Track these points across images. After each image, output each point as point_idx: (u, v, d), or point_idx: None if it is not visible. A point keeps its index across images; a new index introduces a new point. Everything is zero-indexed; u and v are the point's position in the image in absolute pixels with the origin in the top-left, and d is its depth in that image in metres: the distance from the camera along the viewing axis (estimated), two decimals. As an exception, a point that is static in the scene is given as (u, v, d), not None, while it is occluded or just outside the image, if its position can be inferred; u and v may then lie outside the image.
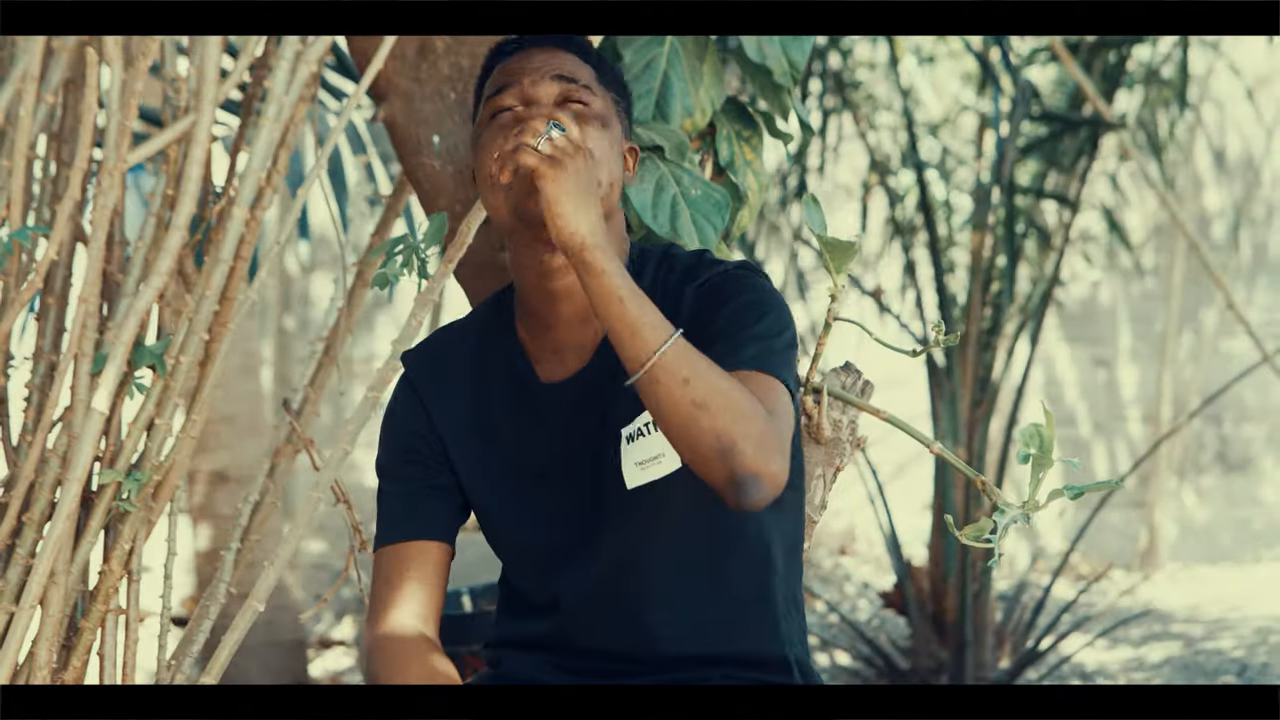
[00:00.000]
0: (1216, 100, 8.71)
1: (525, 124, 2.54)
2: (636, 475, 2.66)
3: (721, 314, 2.62)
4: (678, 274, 2.70)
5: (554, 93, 2.65)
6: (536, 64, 2.67)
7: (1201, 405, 6.43)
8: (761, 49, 3.02)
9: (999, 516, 2.64)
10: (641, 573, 2.69)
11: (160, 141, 2.94)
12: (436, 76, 3.14)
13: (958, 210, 6.54)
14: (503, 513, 2.75)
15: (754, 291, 2.65)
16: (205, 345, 2.99)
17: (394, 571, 2.76)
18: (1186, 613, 7.90)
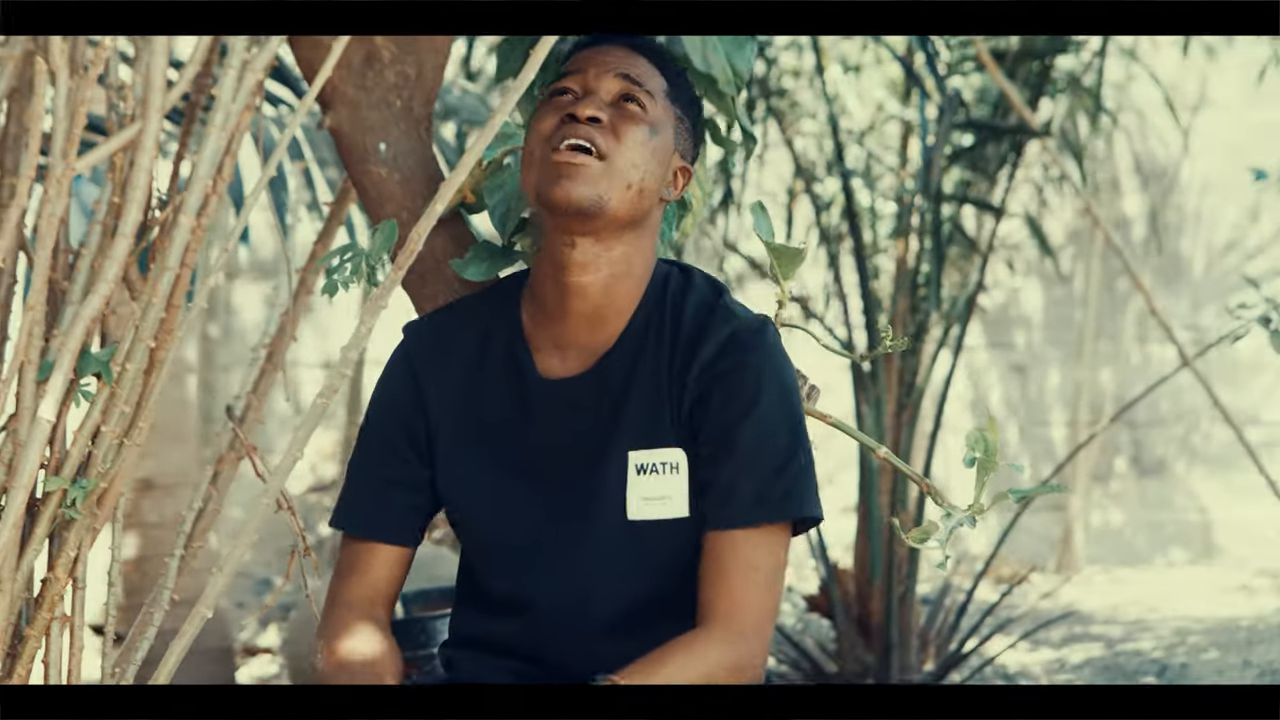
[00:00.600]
0: (1135, 108, 8.82)
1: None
2: (641, 509, 2.68)
3: (736, 440, 2.65)
4: (690, 317, 2.72)
5: (614, 90, 2.70)
6: (610, 59, 2.72)
7: (1120, 410, 6.50)
8: (706, 57, 3.04)
9: (945, 520, 2.68)
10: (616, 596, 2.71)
11: (107, 149, 2.93)
12: (383, 84, 3.15)
13: (883, 217, 6.59)
14: (480, 505, 2.75)
15: (766, 394, 2.67)
16: (151, 353, 2.99)
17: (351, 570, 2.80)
18: (1106, 614, 7.98)
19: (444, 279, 3.09)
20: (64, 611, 3.03)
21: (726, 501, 2.65)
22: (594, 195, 2.63)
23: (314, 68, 3.10)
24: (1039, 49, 6.17)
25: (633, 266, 2.72)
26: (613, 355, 2.72)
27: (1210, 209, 9.22)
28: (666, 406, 2.69)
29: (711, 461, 2.66)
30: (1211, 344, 5.87)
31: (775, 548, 2.67)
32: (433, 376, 2.80)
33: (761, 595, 2.65)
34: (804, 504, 2.68)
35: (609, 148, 2.65)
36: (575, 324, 2.73)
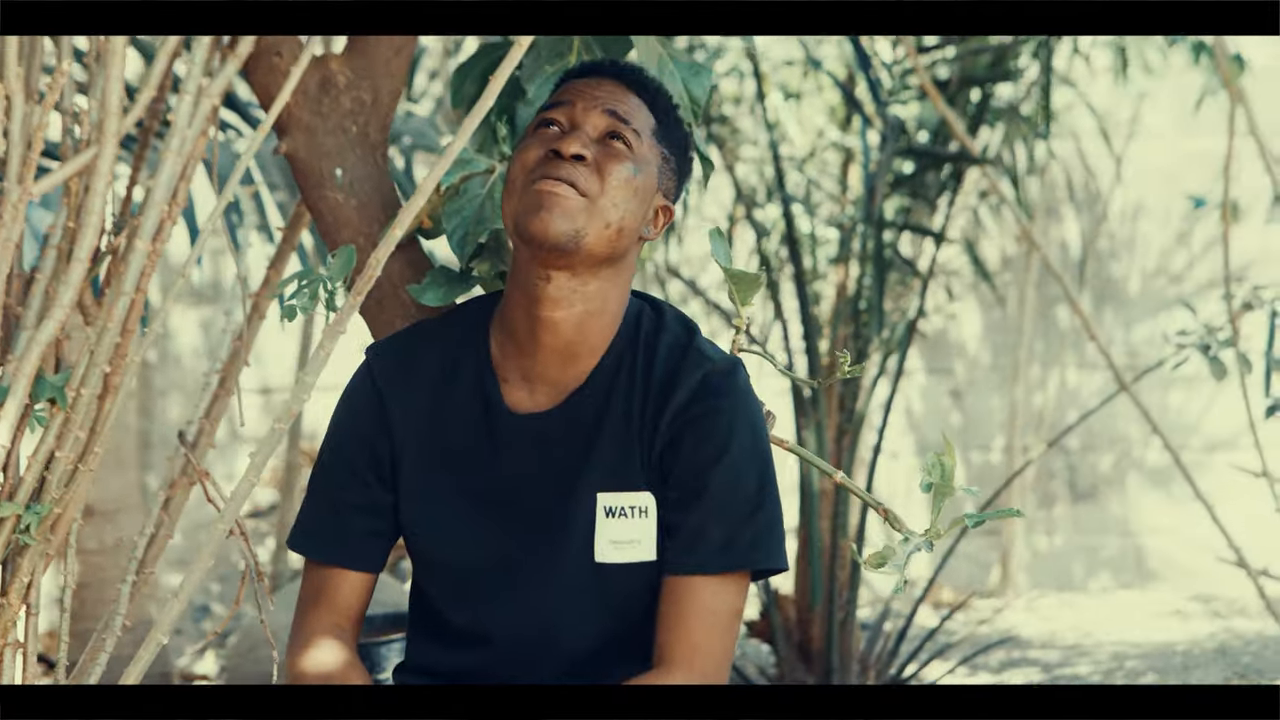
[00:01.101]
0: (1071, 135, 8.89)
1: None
2: (609, 552, 2.69)
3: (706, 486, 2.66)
4: (663, 359, 2.72)
5: (601, 126, 2.68)
6: (600, 93, 2.70)
7: (1059, 435, 6.55)
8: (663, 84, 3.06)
9: (902, 544, 2.69)
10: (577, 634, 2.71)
11: (62, 174, 2.93)
12: (338, 110, 3.16)
13: (824, 243, 6.62)
14: (443, 533, 2.74)
15: (738, 440, 2.68)
16: (105, 378, 2.98)
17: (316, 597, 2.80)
18: (1043, 639, 8.02)
19: (401, 304, 3.10)
20: (17, 638, 3.02)
21: (693, 547, 2.66)
22: (571, 230, 2.61)
23: (270, 93, 3.11)
24: (979, 76, 6.22)
25: (607, 304, 2.71)
26: (583, 393, 2.71)
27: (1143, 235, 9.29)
28: (637, 449, 2.68)
29: (680, 506, 2.66)
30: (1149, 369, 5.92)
31: (735, 594, 2.68)
32: (398, 398, 2.79)
33: (720, 641, 2.66)
34: (770, 554, 2.70)
35: (591, 187, 2.63)
36: (546, 358, 2.71)
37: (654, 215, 2.73)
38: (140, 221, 2.96)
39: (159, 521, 3.35)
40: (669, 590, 2.67)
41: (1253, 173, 7.31)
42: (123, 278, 2.95)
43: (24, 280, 3.04)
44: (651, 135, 2.73)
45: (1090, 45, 7.57)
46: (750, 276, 2.80)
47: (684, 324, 2.78)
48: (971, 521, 2.69)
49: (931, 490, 2.69)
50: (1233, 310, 5.48)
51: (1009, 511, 2.70)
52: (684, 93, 3.07)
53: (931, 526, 2.70)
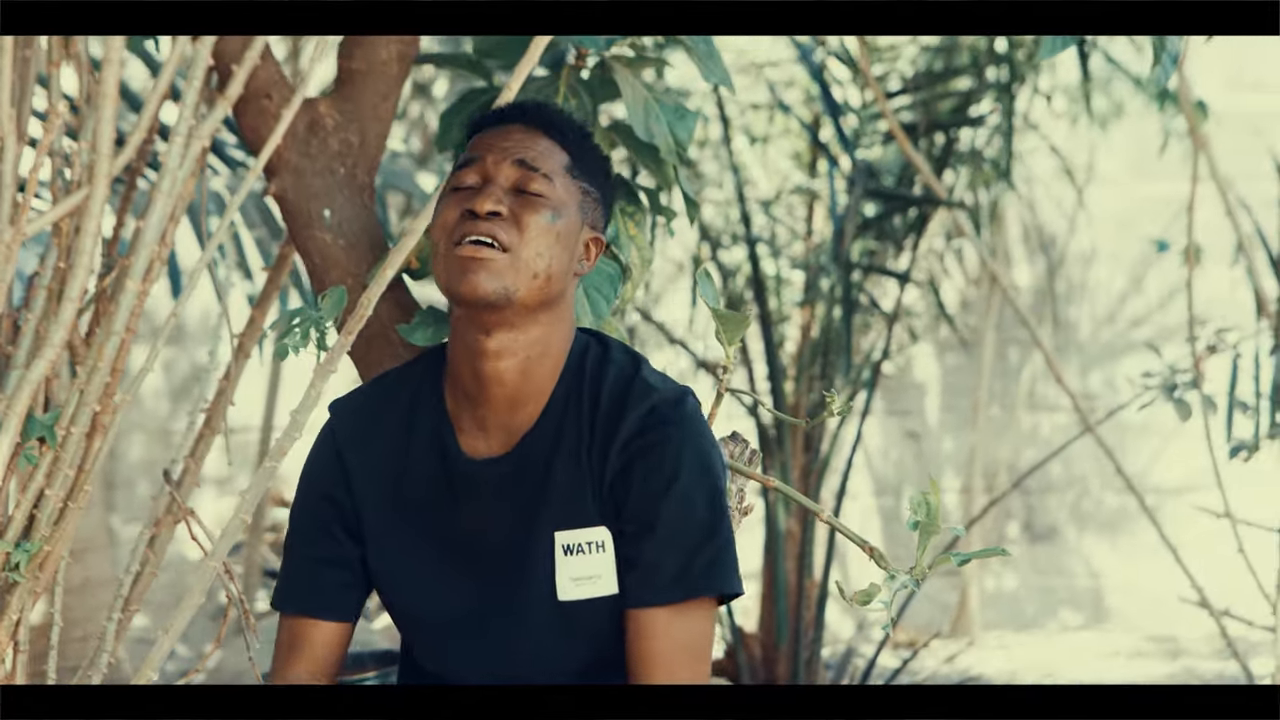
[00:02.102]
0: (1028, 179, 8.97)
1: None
2: (570, 589, 2.69)
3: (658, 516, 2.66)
4: (609, 392, 2.72)
5: (513, 177, 2.66)
6: (508, 143, 2.68)
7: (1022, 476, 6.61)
8: (648, 127, 3.10)
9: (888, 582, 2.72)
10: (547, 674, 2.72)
11: (54, 215, 2.95)
12: (326, 152, 3.19)
13: (789, 284, 6.67)
14: (408, 585, 2.76)
15: (686, 469, 2.68)
16: (95, 416, 3.00)
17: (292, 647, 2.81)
18: (1004, 678, 8.06)
19: (389, 344, 3.13)
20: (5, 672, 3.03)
21: (650, 580, 2.66)
22: (500, 287, 2.61)
23: (259, 136, 3.14)
24: (944, 121, 6.29)
25: (550, 347, 2.72)
26: (534, 434, 2.71)
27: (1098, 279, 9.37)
28: (589, 484, 2.68)
29: (634, 538, 2.67)
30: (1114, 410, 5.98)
31: (700, 620, 2.68)
32: (357, 454, 2.80)
33: (693, 672, 2.68)
34: (726, 579, 2.69)
35: (511, 240, 2.62)
36: (495, 406, 2.71)
37: (584, 250, 2.74)
38: (130, 262, 2.98)
39: (144, 559, 3.36)
40: (634, 625, 2.68)
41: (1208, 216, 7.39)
42: (113, 318, 2.97)
43: (13, 320, 3.06)
44: (566, 174, 2.71)
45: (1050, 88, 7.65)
46: (738, 318, 2.83)
47: (630, 355, 2.79)
48: (957, 560, 2.72)
49: (918, 528, 2.72)
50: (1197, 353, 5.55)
51: (994, 550, 2.72)
52: (669, 135, 3.10)
53: (918, 564, 2.72)
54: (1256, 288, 5.55)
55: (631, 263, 3.17)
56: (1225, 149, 6.73)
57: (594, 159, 2.79)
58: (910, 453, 9.53)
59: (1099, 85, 7.51)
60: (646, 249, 3.19)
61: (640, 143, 3.11)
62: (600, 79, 3.17)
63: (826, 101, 5.89)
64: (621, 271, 3.16)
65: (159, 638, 3.02)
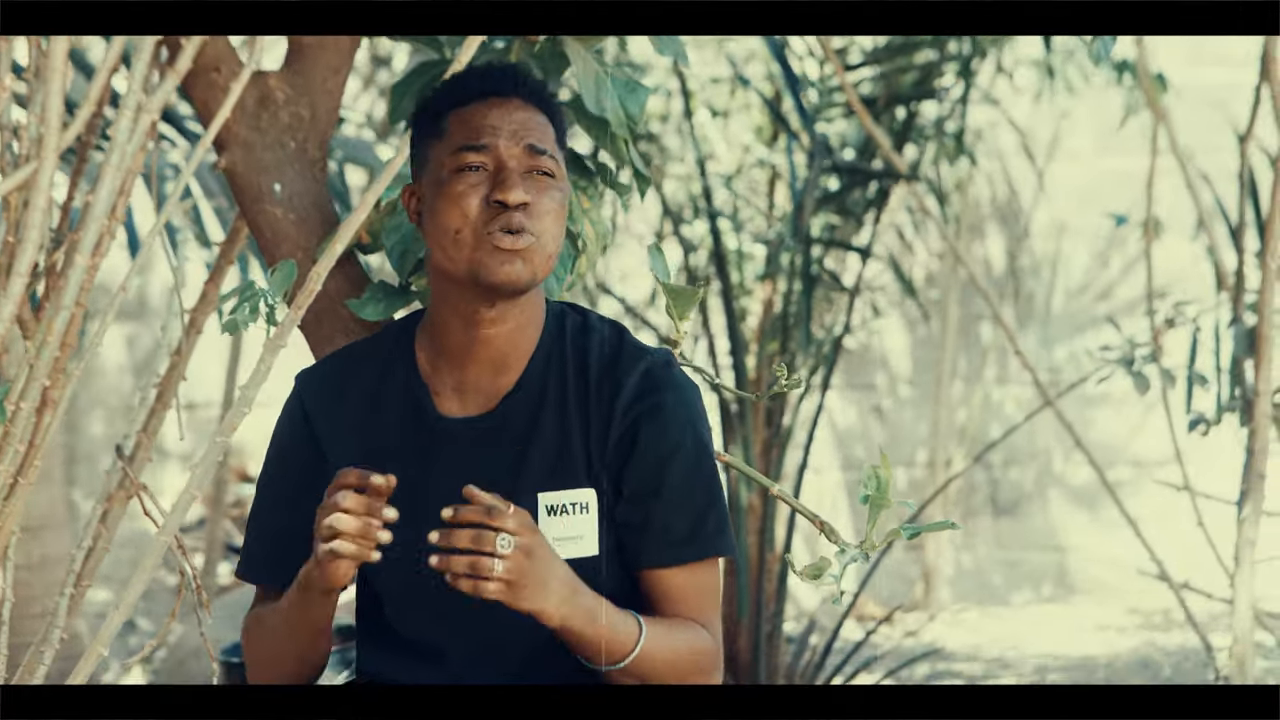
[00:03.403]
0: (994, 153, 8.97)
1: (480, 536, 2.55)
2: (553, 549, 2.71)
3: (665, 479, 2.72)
4: (596, 357, 2.76)
5: (526, 163, 2.68)
6: (514, 124, 2.69)
7: (984, 450, 6.61)
8: (599, 101, 3.09)
9: (838, 556, 2.73)
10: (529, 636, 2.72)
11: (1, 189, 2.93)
12: (277, 126, 3.18)
13: (751, 259, 6.66)
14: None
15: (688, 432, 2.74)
16: (45, 392, 2.98)
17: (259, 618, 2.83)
18: (967, 652, 8.08)
19: (339, 319, 3.12)
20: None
21: (663, 540, 2.72)
22: (531, 275, 2.67)
23: (209, 109, 3.13)
24: (905, 94, 6.28)
25: (534, 314, 2.77)
26: (515, 396, 2.74)
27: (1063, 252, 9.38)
28: (578, 446, 2.72)
29: (639, 501, 2.71)
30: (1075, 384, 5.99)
31: (713, 573, 2.77)
32: (326, 420, 2.81)
33: (715, 612, 2.76)
34: (730, 541, 2.78)
35: (537, 227, 2.67)
36: (478, 370, 2.74)
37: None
38: (79, 236, 2.96)
39: (96, 534, 3.35)
40: (651, 583, 2.74)
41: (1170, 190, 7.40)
42: (62, 292, 2.95)
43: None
44: (558, 145, 2.76)
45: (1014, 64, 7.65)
46: (688, 292, 2.84)
47: (608, 322, 2.83)
48: (907, 533, 2.73)
49: (869, 502, 2.72)
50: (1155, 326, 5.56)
51: (944, 524, 2.73)
52: (619, 108, 3.09)
53: (867, 538, 2.73)
54: (1216, 261, 5.55)
55: (585, 237, 3.16)
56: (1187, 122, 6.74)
57: (564, 124, 2.83)
58: (876, 427, 9.54)
59: (1063, 59, 7.50)
60: (601, 223, 3.19)
61: (591, 117, 3.10)
62: (551, 52, 3.16)
63: (786, 75, 5.87)
64: (575, 246, 3.15)
65: (110, 613, 3.00)
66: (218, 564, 8.22)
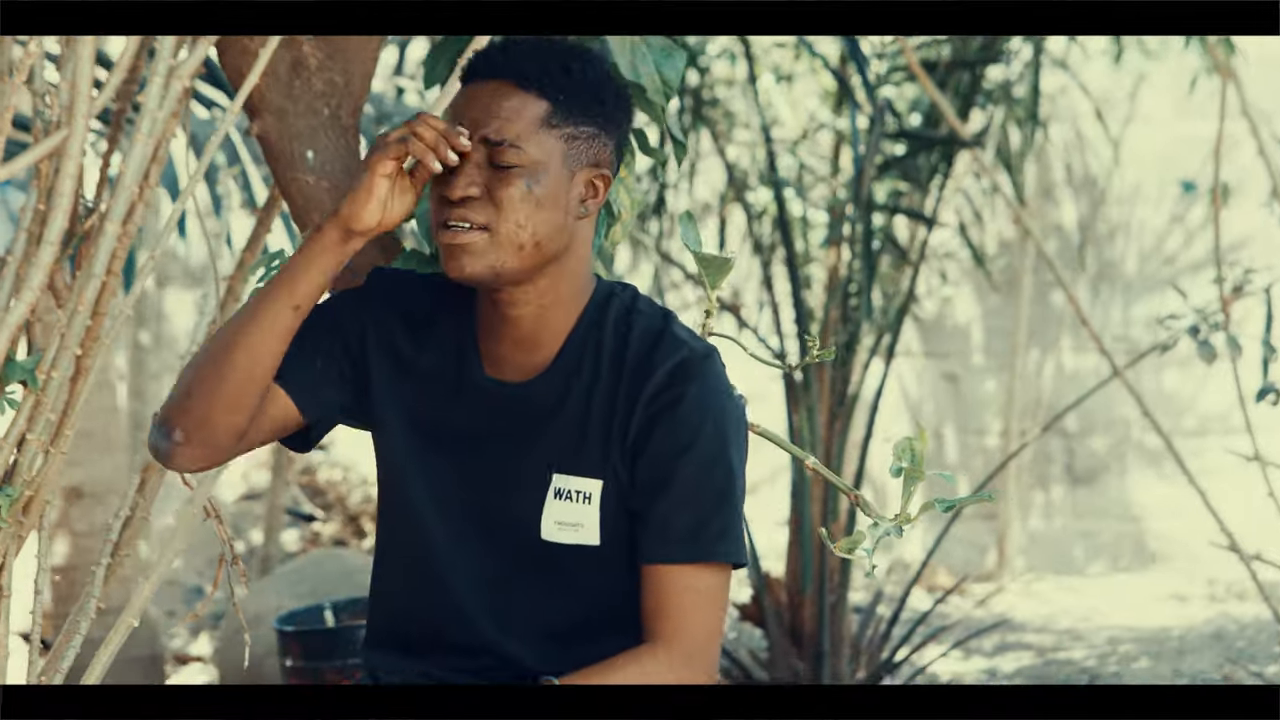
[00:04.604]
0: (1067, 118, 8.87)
1: None
2: (553, 531, 2.69)
3: (674, 473, 2.66)
4: (637, 343, 2.71)
5: (482, 151, 2.62)
6: (476, 113, 2.63)
7: (1053, 419, 6.54)
8: (635, 67, 3.04)
9: (872, 530, 2.68)
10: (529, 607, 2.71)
11: (31, 156, 2.91)
12: (310, 92, 3.14)
13: (815, 227, 6.61)
14: (410, 466, 2.74)
15: (707, 429, 2.67)
16: (77, 361, 2.97)
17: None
18: (1039, 623, 8.02)
19: (372, 286, 3.08)
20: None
21: (662, 535, 2.66)
22: (485, 266, 2.61)
23: (242, 75, 3.09)
24: (971, 58, 6.20)
25: (561, 294, 2.70)
26: (546, 374, 2.71)
27: (1140, 218, 9.28)
28: (598, 432, 2.68)
29: (648, 493, 2.67)
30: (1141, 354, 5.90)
31: (712, 576, 2.68)
32: (382, 325, 2.77)
33: (703, 620, 2.67)
34: (735, 548, 2.69)
35: (488, 218, 2.61)
36: (511, 346, 2.72)
37: (586, 190, 2.69)
38: (111, 204, 2.94)
39: (134, 503, 3.34)
40: (646, 578, 2.68)
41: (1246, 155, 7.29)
42: (93, 260, 2.93)
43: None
44: (543, 127, 2.64)
45: (1086, 28, 7.54)
46: (719, 260, 2.79)
47: (657, 308, 2.77)
48: (942, 506, 2.67)
49: (902, 475, 2.67)
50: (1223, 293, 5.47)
51: (981, 496, 2.68)
52: (655, 74, 3.04)
53: (902, 512, 2.68)
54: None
55: (620, 205, 3.11)
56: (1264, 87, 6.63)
57: (584, 95, 2.69)
58: (949, 395, 9.47)
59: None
60: (635, 190, 3.14)
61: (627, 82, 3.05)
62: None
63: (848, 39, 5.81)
64: (610, 214, 3.10)
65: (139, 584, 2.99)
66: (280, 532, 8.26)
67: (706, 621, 2.67)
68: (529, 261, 2.63)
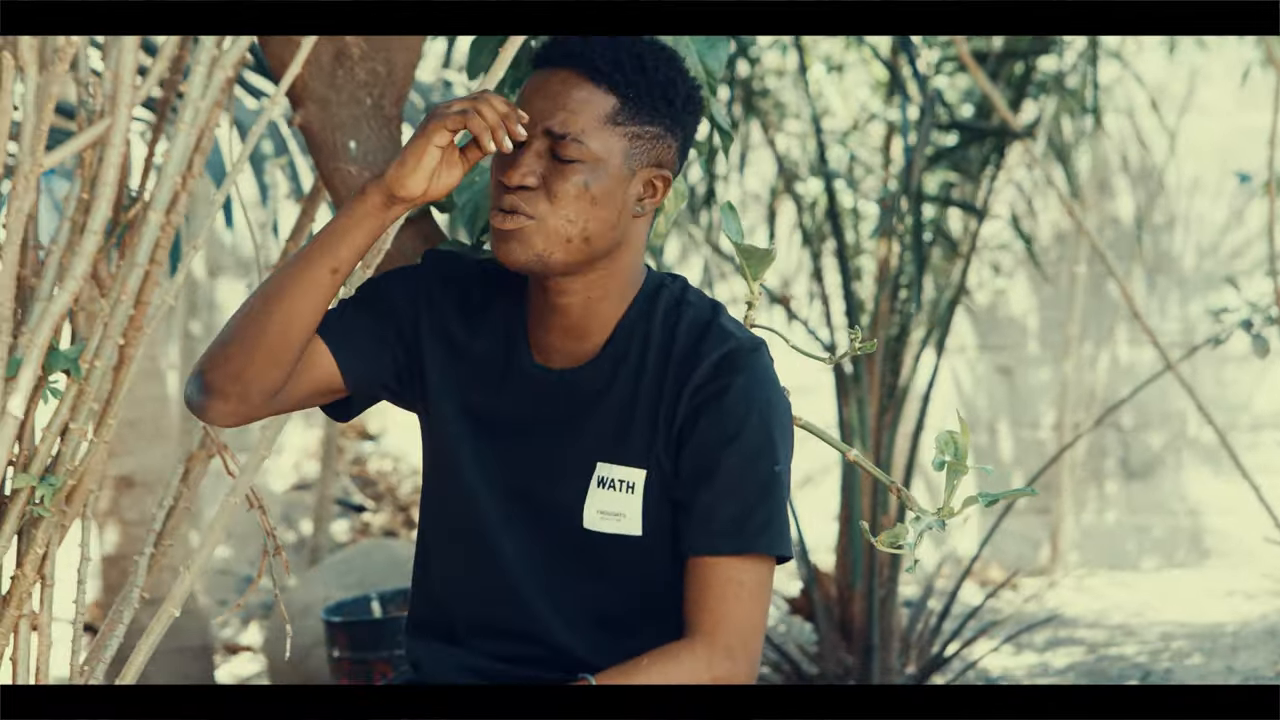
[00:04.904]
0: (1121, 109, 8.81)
1: None
2: (595, 520, 2.69)
3: (719, 464, 2.65)
4: (684, 334, 2.71)
5: (544, 144, 2.61)
6: (543, 103, 2.62)
7: (1104, 413, 6.50)
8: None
9: (914, 523, 2.66)
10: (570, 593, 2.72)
11: (75, 145, 2.92)
12: (353, 82, 3.14)
13: (866, 218, 6.58)
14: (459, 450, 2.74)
15: (752, 420, 2.66)
16: (120, 350, 2.98)
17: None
18: (1091, 618, 7.97)
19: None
20: (32, 609, 3.02)
21: (705, 526, 2.65)
22: (533, 254, 2.61)
23: (285, 64, 3.09)
24: (1022, 49, 6.16)
25: (610, 288, 2.69)
26: (593, 363, 2.71)
27: (1197, 210, 9.22)
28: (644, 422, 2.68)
29: (691, 484, 2.66)
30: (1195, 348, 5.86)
31: (755, 569, 2.67)
32: (431, 307, 2.76)
33: (745, 613, 2.65)
34: (779, 540, 2.68)
35: (539, 209, 2.59)
36: (559, 335, 2.71)
37: (645, 189, 2.67)
38: (154, 193, 2.95)
39: (178, 493, 3.35)
40: (688, 569, 2.68)
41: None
42: (135, 249, 2.94)
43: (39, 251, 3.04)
44: (608, 124, 2.61)
45: (1140, 19, 7.49)
46: (760, 251, 2.77)
47: (707, 300, 2.76)
48: (985, 500, 2.66)
49: (945, 468, 2.66)
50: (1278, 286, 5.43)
51: (1022, 490, 2.66)
52: (699, 65, 3.03)
53: (945, 505, 2.66)
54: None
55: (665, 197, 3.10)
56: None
57: (653, 94, 2.66)
58: (1003, 388, 9.42)
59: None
60: (680, 183, 3.12)
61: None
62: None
63: (899, 29, 5.78)
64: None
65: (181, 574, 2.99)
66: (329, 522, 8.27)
67: (748, 614, 2.65)
68: (577, 255, 2.63)
